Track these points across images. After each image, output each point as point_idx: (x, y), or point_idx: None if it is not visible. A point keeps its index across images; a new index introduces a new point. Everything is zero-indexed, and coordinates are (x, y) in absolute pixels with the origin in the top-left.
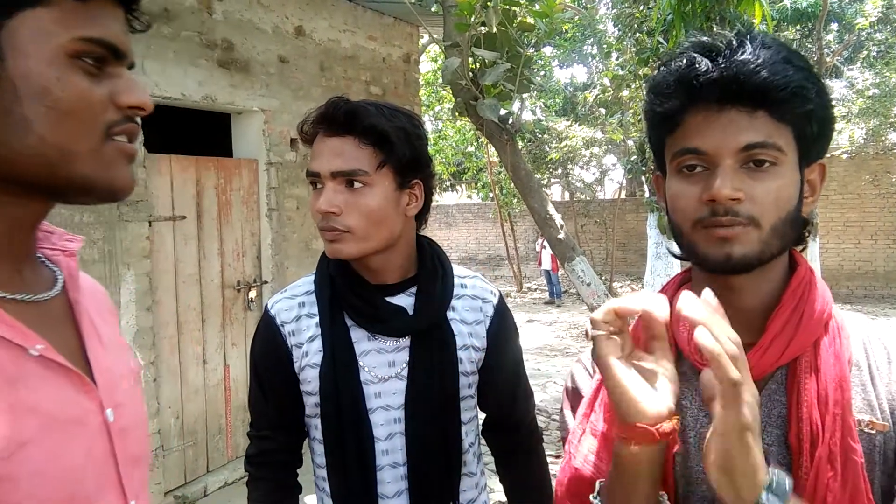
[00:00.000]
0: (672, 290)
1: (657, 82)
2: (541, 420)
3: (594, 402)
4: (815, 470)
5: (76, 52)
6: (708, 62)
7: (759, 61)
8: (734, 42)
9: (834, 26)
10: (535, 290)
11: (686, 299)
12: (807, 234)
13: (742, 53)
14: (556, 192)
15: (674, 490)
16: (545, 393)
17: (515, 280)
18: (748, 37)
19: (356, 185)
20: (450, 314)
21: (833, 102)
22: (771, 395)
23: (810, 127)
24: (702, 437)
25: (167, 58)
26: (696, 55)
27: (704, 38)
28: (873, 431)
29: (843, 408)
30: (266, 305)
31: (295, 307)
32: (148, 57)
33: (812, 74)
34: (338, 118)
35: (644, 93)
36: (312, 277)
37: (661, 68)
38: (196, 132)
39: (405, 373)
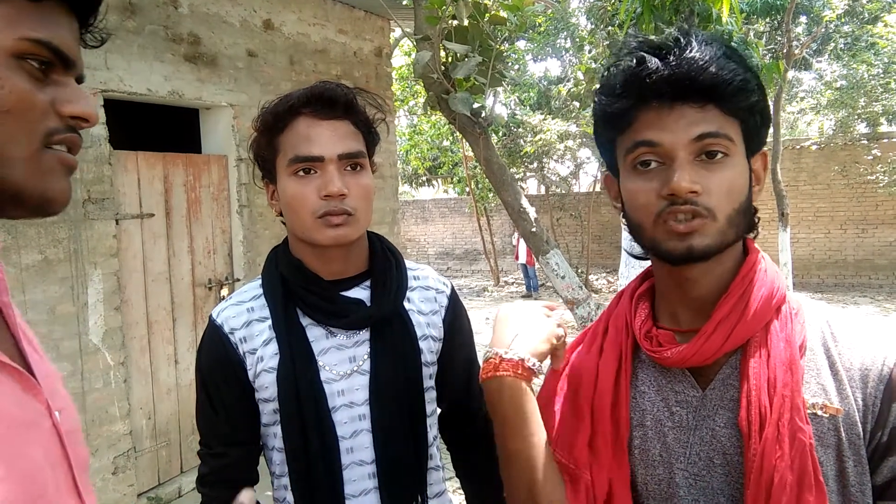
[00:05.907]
0: (637, 282)
1: (607, 83)
2: None
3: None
4: (762, 450)
5: (21, 53)
6: (657, 60)
7: (707, 58)
8: (682, 40)
9: (802, 19)
10: (512, 283)
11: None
12: (756, 221)
13: (690, 51)
14: (531, 186)
15: (630, 475)
16: None
17: (492, 274)
18: (692, 34)
19: (358, 167)
20: (407, 305)
21: (803, 94)
22: (725, 380)
23: (754, 118)
24: (658, 421)
25: (132, 52)
26: (644, 54)
27: (652, 37)
28: (826, 415)
29: (792, 389)
30: (210, 316)
31: (244, 313)
32: (112, 51)
33: (751, 68)
34: (338, 101)
35: (595, 94)
36: (257, 283)
37: (611, 69)
38: (163, 128)
39: (366, 366)
